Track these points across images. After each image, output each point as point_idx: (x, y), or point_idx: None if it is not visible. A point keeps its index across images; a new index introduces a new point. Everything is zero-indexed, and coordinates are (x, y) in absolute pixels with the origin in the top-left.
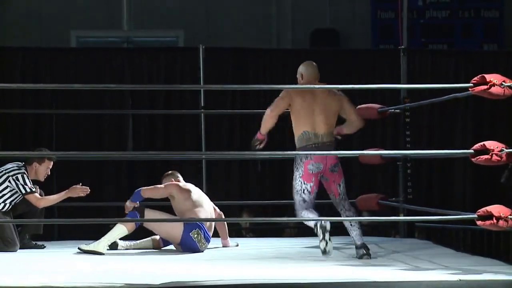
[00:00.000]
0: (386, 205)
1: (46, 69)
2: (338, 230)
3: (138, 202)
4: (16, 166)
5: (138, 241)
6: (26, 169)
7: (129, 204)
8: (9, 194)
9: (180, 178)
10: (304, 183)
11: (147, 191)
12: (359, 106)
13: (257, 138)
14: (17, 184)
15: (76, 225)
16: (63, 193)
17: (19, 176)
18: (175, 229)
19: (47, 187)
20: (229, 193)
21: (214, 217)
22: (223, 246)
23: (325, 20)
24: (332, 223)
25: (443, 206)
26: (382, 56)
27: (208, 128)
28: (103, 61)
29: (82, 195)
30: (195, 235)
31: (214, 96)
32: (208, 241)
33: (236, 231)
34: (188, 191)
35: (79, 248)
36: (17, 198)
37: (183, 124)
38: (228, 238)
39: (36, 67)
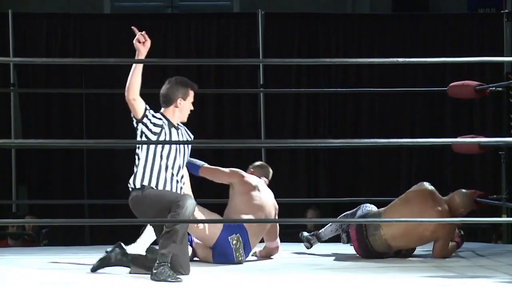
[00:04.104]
0: (485, 203)
1: (75, 40)
2: None
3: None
4: None
5: None
6: None
7: None
8: None
9: (270, 175)
10: None
11: (207, 170)
12: (452, 84)
13: None
14: None
15: (107, 227)
16: None
17: None
18: (212, 228)
19: (77, 179)
20: (293, 188)
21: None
22: (261, 255)
23: None
24: None
25: None
26: (481, 22)
27: (269, 111)
28: (142, 30)
29: None
30: (234, 241)
31: (276, 71)
32: (246, 253)
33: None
34: (252, 188)
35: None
36: None
37: (238, 105)
38: (278, 240)
39: (63, 37)
